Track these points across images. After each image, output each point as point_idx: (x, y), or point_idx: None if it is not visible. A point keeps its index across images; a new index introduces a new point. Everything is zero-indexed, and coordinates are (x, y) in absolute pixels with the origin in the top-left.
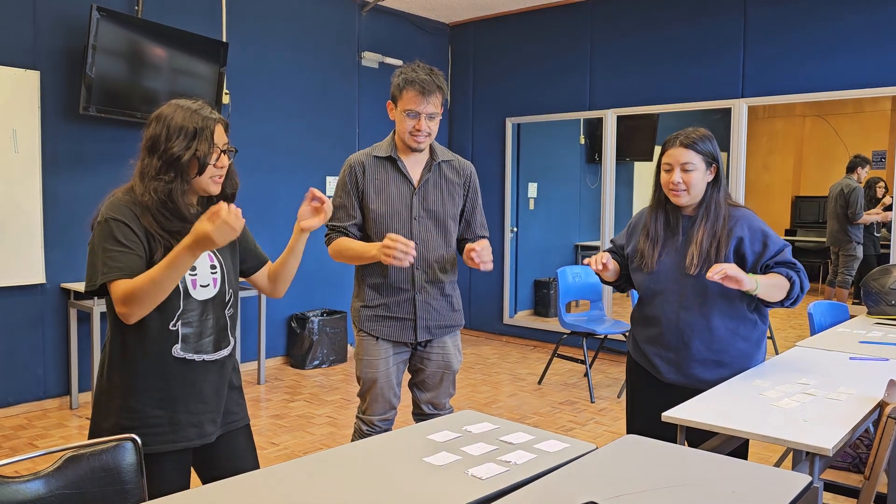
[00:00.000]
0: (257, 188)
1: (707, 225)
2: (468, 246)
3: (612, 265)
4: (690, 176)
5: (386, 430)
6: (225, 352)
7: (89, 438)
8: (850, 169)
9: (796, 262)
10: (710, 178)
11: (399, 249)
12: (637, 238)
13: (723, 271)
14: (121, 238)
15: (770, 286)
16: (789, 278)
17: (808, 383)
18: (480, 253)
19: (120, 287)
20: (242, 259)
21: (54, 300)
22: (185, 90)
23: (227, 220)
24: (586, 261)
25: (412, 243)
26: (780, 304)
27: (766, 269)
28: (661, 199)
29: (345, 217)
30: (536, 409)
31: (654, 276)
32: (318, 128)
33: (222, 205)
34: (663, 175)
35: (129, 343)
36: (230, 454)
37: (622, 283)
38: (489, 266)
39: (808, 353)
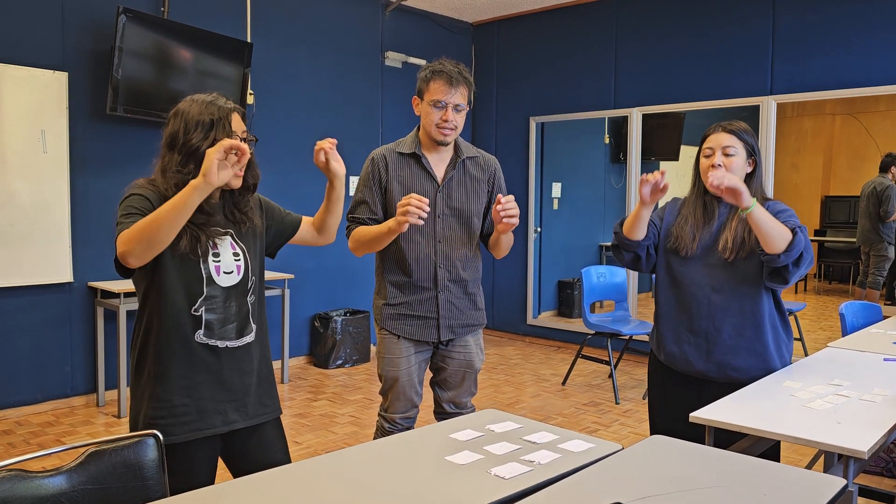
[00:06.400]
0: (281, 188)
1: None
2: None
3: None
4: (731, 161)
5: (408, 428)
6: (248, 338)
7: (130, 431)
8: (884, 168)
9: (802, 228)
10: (748, 169)
11: (413, 205)
12: (673, 221)
13: (722, 180)
14: (137, 205)
15: (769, 222)
16: (792, 230)
17: (841, 384)
18: (506, 206)
19: (124, 232)
20: (279, 234)
21: (82, 299)
22: (209, 90)
23: (230, 160)
24: (646, 176)
25: (426, 199)
26: (780, 260)
27: None
28: (700, 188)
29: (366, 212)
30: (560, 410)
31: (689, 260)
32: (342, 128)
33: (225, 143)
34: (703, 161)
35: (153, 331)
36: (261, 446)
37: (641, 252)
38: (516, 220)
39: (841, 353)
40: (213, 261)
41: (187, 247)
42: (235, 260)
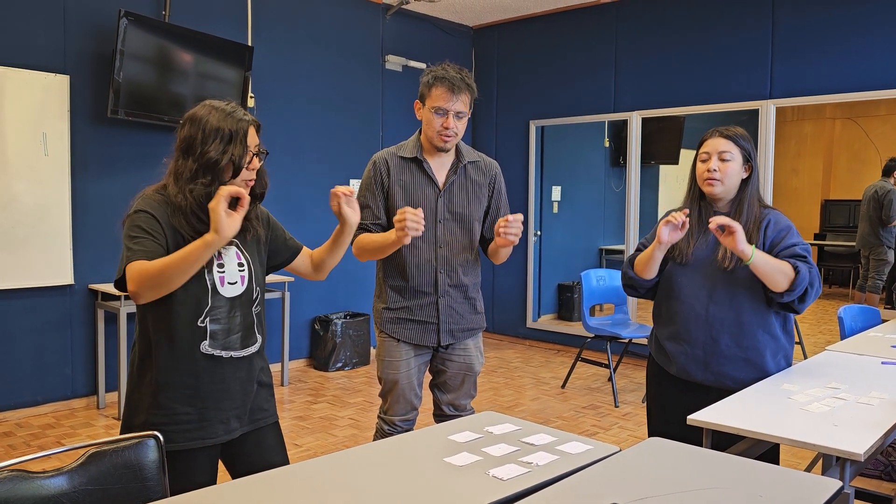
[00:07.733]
0: (282, 191)
1: (740, 221)
2: (501, 220)
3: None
4: (727, 165)
5: (407, 430)
6: (252, 349)
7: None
8: (887, 172)
9: (808, 257)
10: (744, 175)
11: (409, 220)
12: None
13: (726, 224)
14: (145, 227)
15: (770, 266)
16: (795, 267)
17: (839, 387)
18: (510, 224)
19: (135, 266)
20: (276, 253)
21: (82, 301)
22: (210, 94)
23: (234, 217)
24: (673, 216)
25: (420, 211)
26: (784, 298)
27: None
28: (696, 194)
29: (369, 217)
30: (559, 413)
31: (686, 268)
32: (343, 131)
33: (223, 191)
34: (699, 166)
35: (158, 340)
36: (260, 451)
37: (654, 285)
38: (515, 239)
39: (839, 357)
40: (218, 271)
41: None
42: (240, 270)
